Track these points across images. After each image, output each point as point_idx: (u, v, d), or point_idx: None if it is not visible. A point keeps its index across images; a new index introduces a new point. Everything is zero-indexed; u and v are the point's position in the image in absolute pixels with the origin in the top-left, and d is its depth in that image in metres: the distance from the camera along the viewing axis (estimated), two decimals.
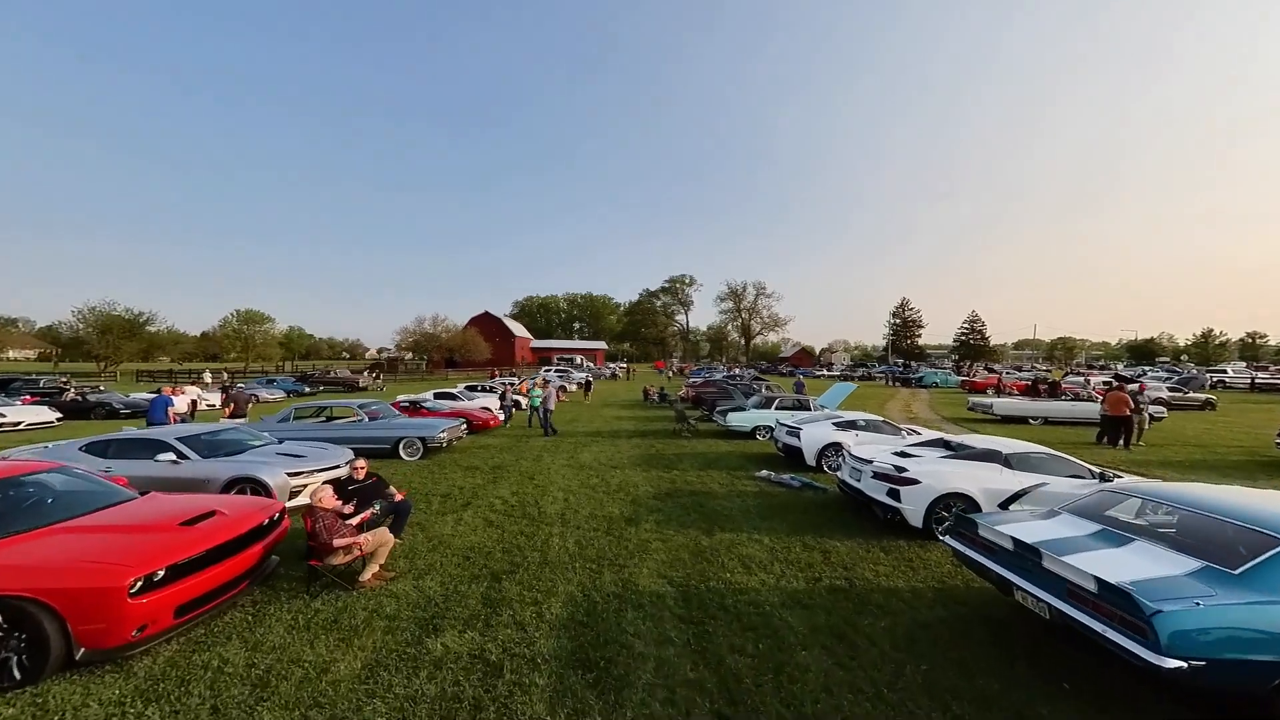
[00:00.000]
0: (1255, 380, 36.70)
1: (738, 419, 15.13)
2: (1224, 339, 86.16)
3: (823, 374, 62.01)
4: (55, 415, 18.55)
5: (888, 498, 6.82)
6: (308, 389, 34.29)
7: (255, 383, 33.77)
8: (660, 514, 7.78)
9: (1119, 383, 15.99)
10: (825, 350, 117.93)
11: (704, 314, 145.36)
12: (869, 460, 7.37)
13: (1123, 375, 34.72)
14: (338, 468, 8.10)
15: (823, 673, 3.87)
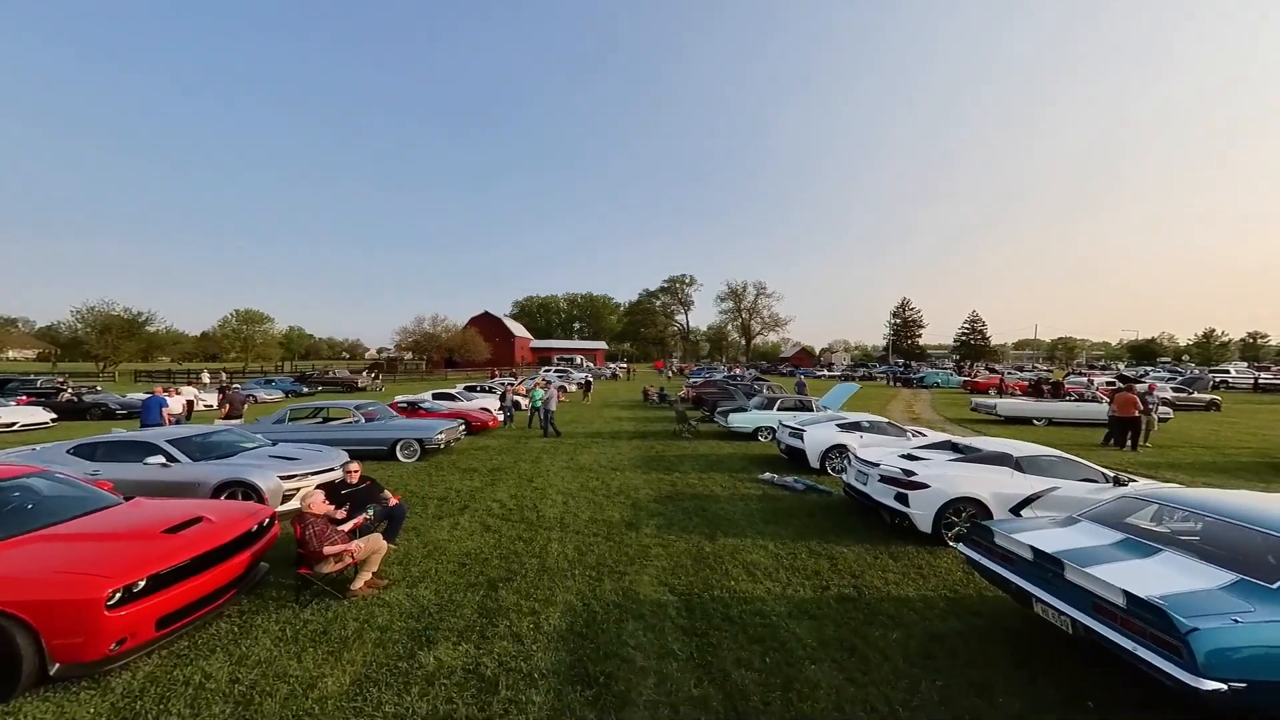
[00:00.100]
0: (1258, 380, 36.51)
1: (739, 420, 14.94)
2: (1226, 339, 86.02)
3: (823, 374, 61.77)
4: (50, 416, 18.37)
5: (896, 502, 6.65)
6: (306, 389, 34.08)
7: (253, 383, 33.57)
8: (661, 518, 7.60)
9: (1127, 383, 15.77)
10: (825, 350, 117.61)
11: (704, 314, 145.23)
12: (875, 463, 7.19)
13: (1126, 375, 34.54)
14: (332, 470, 7.92)
15: (834, 689, 3.68)
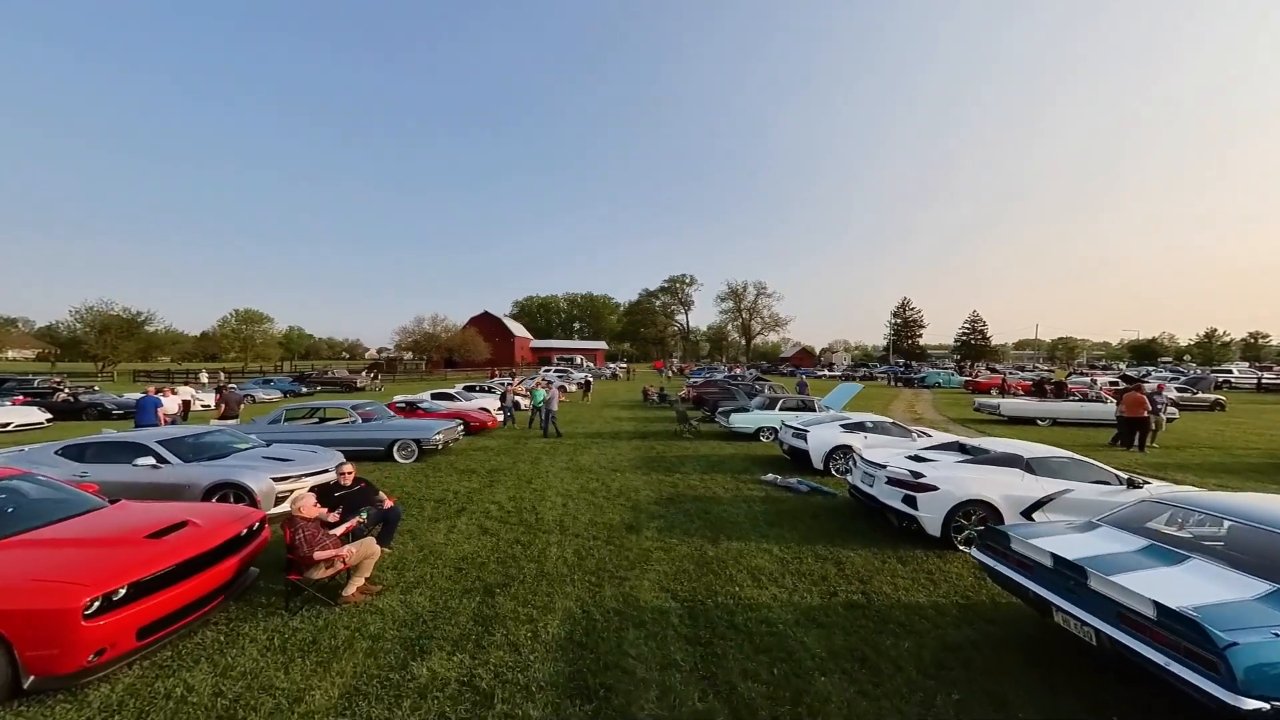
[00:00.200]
0: (1261, 380, 36.33)
1: (741, 420, 14.77)
2: (1227, 339, 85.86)
3: (824, 374, 61.55)
4: (45, 416, 18.20)
5: (903, 504, 6.48)
6: (304, 389, 33.91)
7: (251, 383, 33.40)
8: (663, 520, 7.44)
9: (1135, 383, 15.59)
10: (825, 350, 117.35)
11: (704, 314, 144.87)
12: (882, 465, 7.03)
13: (1130, 375, 34.39)
14: (327, 472, 7.76)
15: (846, 703, 3.51)
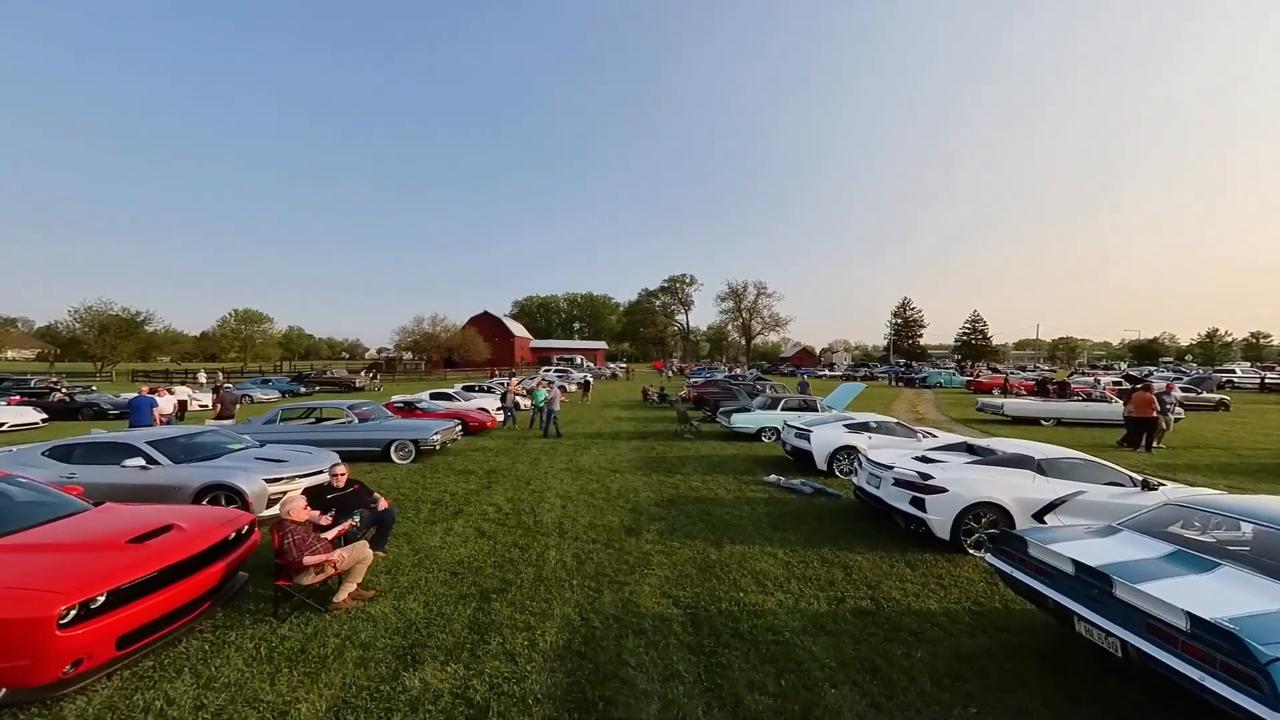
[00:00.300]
0: (1265, 380, 36.15)
1: (743, 420, 14.61)
2: (1229, 339, 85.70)
3: (824, 374, 61.32)
4: (40, 416, 18.04)
5: (911, 507, 6.31)
6: (303, 389, 33.77)
7: (250, 383, 33.24)
8: (664, 523, 7.27)
9: (1143, 383, 15.42)
10: (826, 350, 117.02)
11: (704, 314, 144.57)
12: (889, 466, 6.86)
13: (1133, 375, 34.23)
14: (321, 473, 7.59)
15: (857, 717, 3.35)
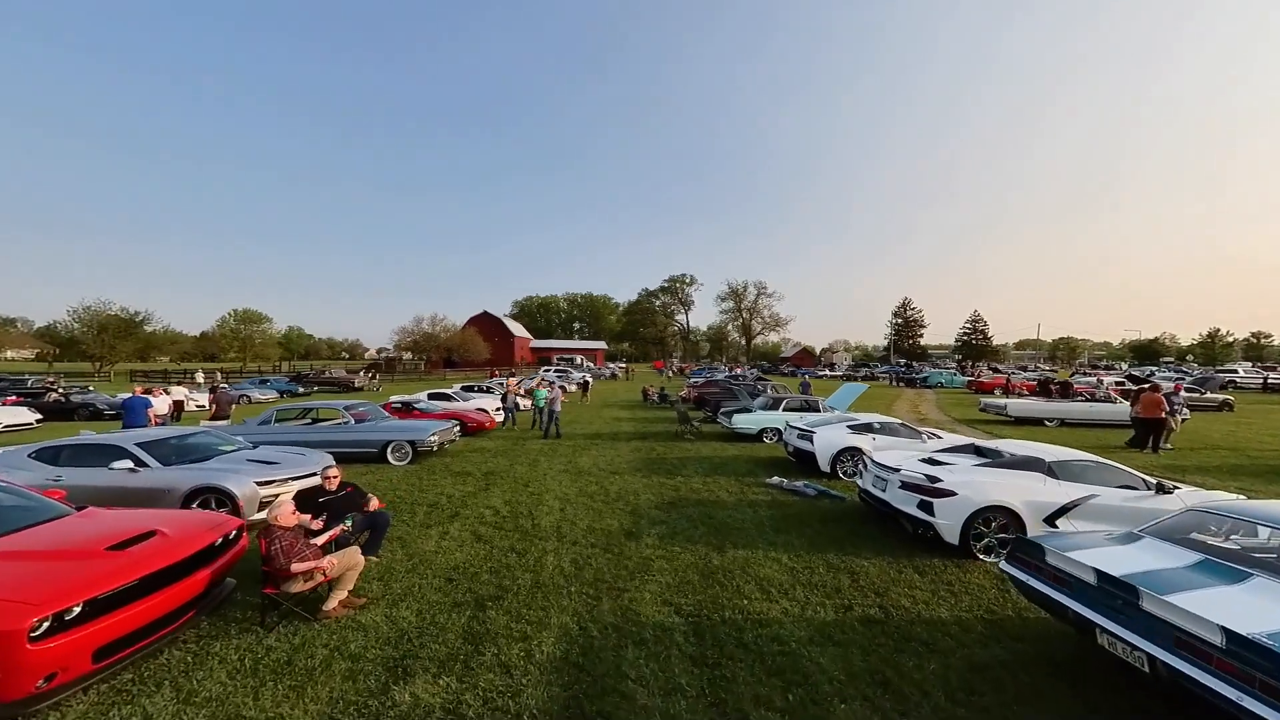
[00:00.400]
0: (1267, 380, 35.98)
1: (744, 421, 14.44)
2: (1230, 339, 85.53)
3: (825, 374, 61.14)
4: (35, 417, 17.89)
5: (919, 510, 6.14)
6: (301, 389, 33.61)
7: (248, 383, 33.09)
8: (664, 526, 7.11)
9: (1150, 383, 15.24)
10: (826, 350, 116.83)
11: (704, 314, 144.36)
12: (896, 468, 6.69)
13: (1136, 375, 34.06)
14: (314, 475, 7.43)
15: None
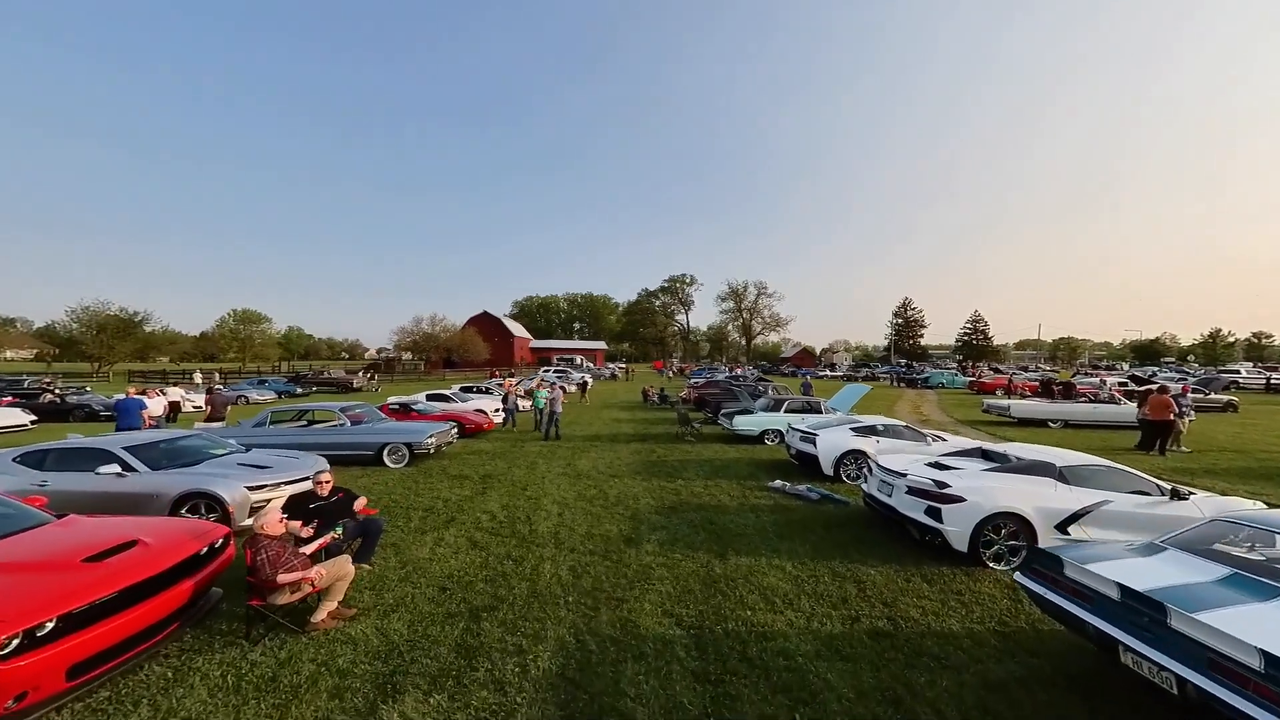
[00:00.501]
0: (1270, 381, 35.79)
1: (745, 422, 14.27)
2: (1231, 339, 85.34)
3: (826, 374, 60.94)
4: (30, 418, 17.71)
5: (927, 517, 5.98)
6: (300, 390, 33.44)
7: (246, 383, 32.90)
8: (665, 532, 6.95)
9: (1158, 385, 15.07)
10: (826, 350, 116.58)
11: (704, 314, 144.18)
12: (902, 473, 6.53)
13: (1139, 376, 33.86)
14: (307, 480, 7.26)
15: None
